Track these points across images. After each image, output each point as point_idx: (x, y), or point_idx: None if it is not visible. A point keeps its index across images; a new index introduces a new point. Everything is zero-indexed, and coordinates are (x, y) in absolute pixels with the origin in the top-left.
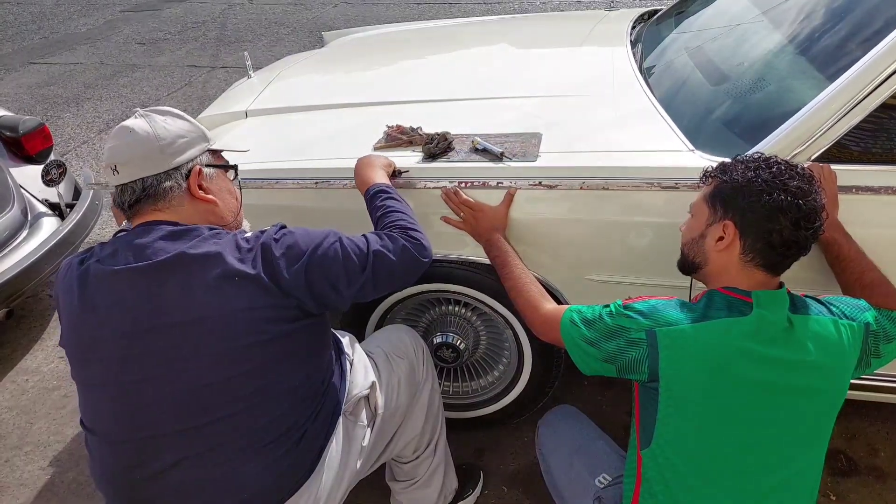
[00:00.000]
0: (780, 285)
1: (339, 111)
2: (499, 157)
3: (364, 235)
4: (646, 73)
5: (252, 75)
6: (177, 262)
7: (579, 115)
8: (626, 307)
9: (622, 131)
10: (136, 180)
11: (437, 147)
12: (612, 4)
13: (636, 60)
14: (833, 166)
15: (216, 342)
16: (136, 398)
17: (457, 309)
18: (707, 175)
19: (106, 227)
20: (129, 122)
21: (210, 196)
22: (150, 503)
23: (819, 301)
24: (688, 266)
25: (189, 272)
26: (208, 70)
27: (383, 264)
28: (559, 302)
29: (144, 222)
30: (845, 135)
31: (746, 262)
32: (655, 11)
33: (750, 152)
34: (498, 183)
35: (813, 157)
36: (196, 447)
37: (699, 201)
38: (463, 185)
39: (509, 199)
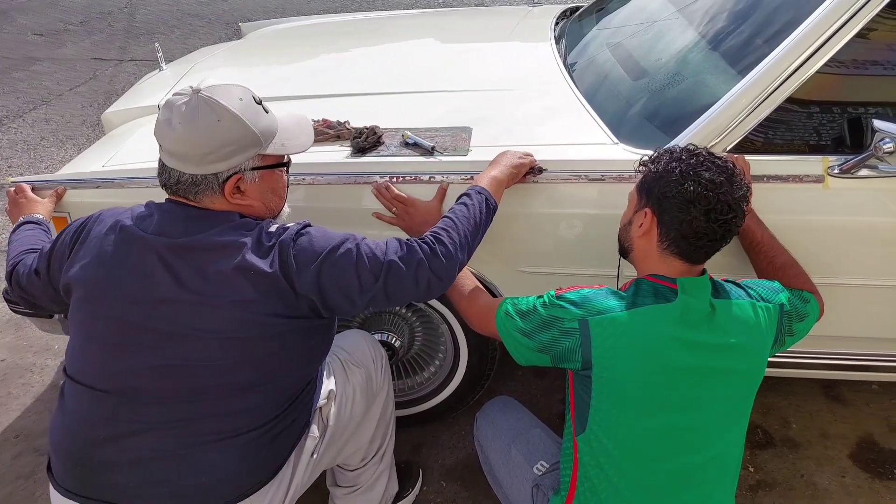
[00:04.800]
0: (703, 272)
1: None
2: (430, 152)
3: (386, 241)
4: (570, 68)
5: (164, 68)
6: (201, 245)
7: (507, 109)
8: (558, 297)
9: (549, 125)
10: (172, 169)
11: (367, 141)
12: (535, 1)
13: (560, 56)
14: (747, 156)
15: (221, 328)
16: (130, 360)
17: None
18: (640, 163)
19: (3, 232)
20: (183, 106)
21: (245, 201)
22: (102, 468)
23: (738, 285)
24: (621, 250)
25: (210, 257)
26: (116, 63)
27: (396, 276)
28: (494, 295)
29: (177, 201)
30: (756, 127)
31: (663, 250)
32: (577, 8)
33: (670, 144)
34: (430, 177)
35: (728, 149)
36: (171, 419)
37: (633, 190)
38: (394, 179)
39: (442, 193)
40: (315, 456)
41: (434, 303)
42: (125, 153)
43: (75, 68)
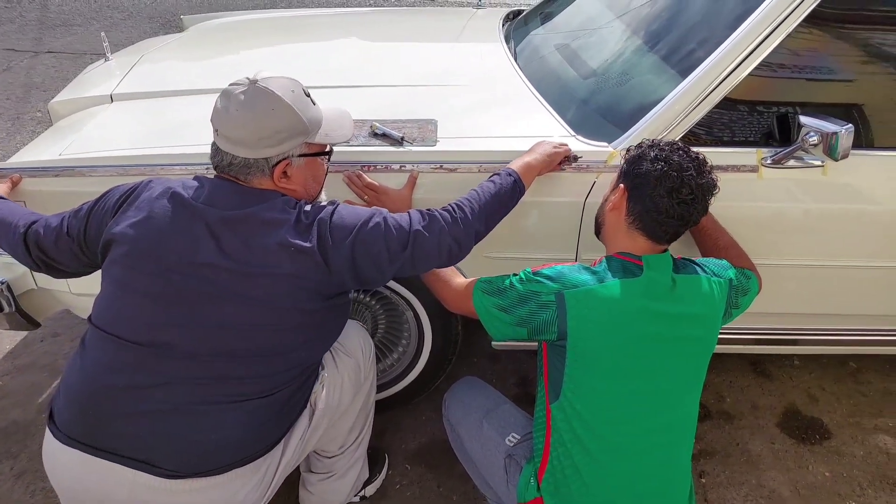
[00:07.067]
0: (665, 250)
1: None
2: (399, 142)
3: (409, 213)
4: (523, 67)
5: (110, 58)
6: (247, 219)
7: (468, 104)
8: (535, 273)
9: (510, 119)
10: (226, 152)
11: None
12: (479, 3)
13: (512, 55)
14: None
15: (258, 296)
16: (165, 316)
17: (355, 294)
18: (626, 150)
19: None
20: (241, 95)
21: (290, 185)
22: (113, 417)
23: (694, 262)
24: (595, 228)
25: (255, 230)
26: (32, 55)
27: (421, 245)
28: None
29: (226, 177)
30: (698, 122)
31: (630, 225)
32: (520, 12)
33: (623, 136)
34: (401, 166)
35: None
36: (192, 375)
37: (616, 173)
38: (366, 168)
39: (412, 181)
40: (302, 440)
41: (400, 289)
42: (82, 142)
43: None
